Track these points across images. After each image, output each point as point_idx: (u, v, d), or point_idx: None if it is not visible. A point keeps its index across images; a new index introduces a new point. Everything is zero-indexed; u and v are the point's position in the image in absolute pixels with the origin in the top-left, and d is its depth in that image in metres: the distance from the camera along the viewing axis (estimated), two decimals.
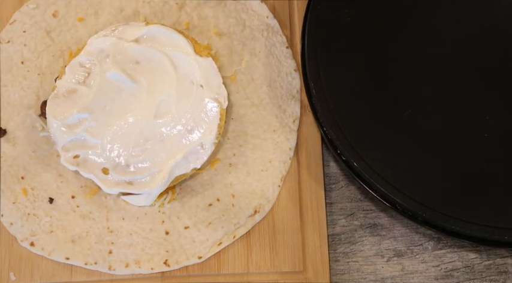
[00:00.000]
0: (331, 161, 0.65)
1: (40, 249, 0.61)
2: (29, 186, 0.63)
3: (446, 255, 0.62)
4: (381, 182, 0.58)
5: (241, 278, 0.61)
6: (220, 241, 0.61)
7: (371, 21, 0.63)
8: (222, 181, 0.63)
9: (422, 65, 0.62)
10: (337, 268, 0.62)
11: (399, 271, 0.62)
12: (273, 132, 0.64)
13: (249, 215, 0.62)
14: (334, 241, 0.63)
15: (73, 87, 0.61)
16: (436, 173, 0.59)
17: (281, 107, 0.65)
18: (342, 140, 0.59)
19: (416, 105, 0.61)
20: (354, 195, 0.64)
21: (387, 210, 0.64)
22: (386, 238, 0.63)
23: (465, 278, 0.62)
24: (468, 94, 0.61)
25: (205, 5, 0.67)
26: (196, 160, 0.60)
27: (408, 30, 0.63)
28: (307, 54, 0.62)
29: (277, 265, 0.61)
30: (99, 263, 0.61)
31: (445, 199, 0.58)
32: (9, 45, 0.66)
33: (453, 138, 0.60)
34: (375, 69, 0.62)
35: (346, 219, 0.64)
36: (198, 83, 0.61)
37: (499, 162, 0.60)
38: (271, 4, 0.68)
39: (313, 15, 0.63)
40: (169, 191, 0.62)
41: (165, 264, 0.61)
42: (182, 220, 0.62)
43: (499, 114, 0.61)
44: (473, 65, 0.62)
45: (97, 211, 0.62)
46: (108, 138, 0.60)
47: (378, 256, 0.63)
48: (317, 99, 0.61)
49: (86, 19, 0.67)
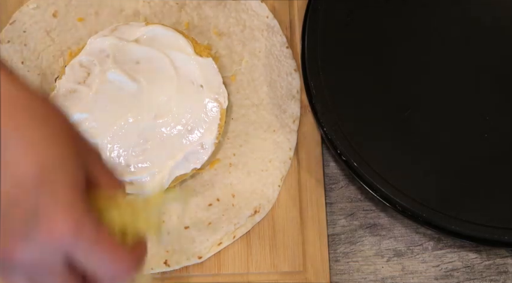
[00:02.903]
0: (331, 161, 0.65)
1: None
2: None
3: (446, 255, 0.62)
4: (380, 182, 0.58)
5: (241, 278, 0.61)
6: (220, 241, 0.61)
7: (371, 21, 0.63)
8: (222, 181, 0.63)
9: (423, 65, 0.62)
10: (337, 268, 0.62)
11: (399, 271, 0.62)
12: (273, 132, 0.64)
13: (249, 215, 0.62)
14: (334, 241, 0.63)
15: (73, 87, 0.61)
16: (436, 173, 0.59)
17: (281, 107, 0.65)
18: (342, 140, 0.59)
19: (416, 105, 0.61)
20: (354, 195, 0.64)
21: (387, 210, 0.64)
22: (387, 238, 0.63)
23: (465, 278, 0.62)
24: (468, 94, 0.61)
25: (206, 5, 0.67)
26: (197, 161, 0.60)
27: (408, 31, 0.63)
28: (307, 54, 0.62)
29: (277, 265, 0.61)
30: None
31: (445, 199, 0.58)
32: (9, 45, 0.66)
33: (453, 138, 0.60)
34: (375, 69, 0.62)
35: (346, 219, 0.64)
36: (198, 83, 0.61)
37: (499, 162, 0.60)
38: (271, 4, 0.68)
39: (313, 15, 0.63)
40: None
41: (165, 264, 0.61)
42: (182, 220, 0.62)
43: (499, 114, 0.61)
44: (474, 65, 0.62)
45: None
46: (108, 138, 0.60)
47: (378, 256, 0.63)
48: (317, 99, 0.61)
49: (86, 19, 0.67)
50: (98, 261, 0.39)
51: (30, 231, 0.37)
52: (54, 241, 0.37)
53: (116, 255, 0.39)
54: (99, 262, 0.39)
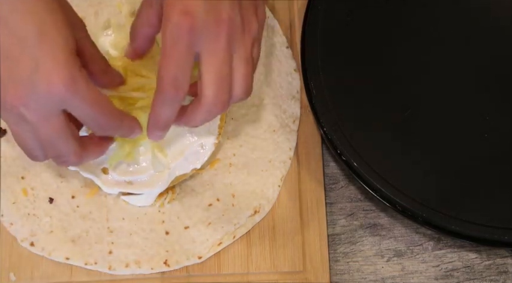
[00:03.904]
0: (331, 161, 0.65)
1: (40, 249, 0.61)
2: (29, 186, 0.63)
3: (446, 255, 0.63)
4: (380, 182, 0.58)
5: (241, 278, 0.61)
6: (220, 241, 0.61)
7: (371, 21, 0.63)
8: (222, 181, 0.63)
9: (423, 65, 0.62)
10: (337, 268, 0.62)
11: (399, 271, 0.62)
12: (273, 132, 0.64)
13: (249, 215, 0.62)
14: (334, 241, 0.63)
15: None
16: (436, 173, 0.59)
17: (281, 107, 0.65)
18: (342, 140, 0.59)
19: (416, 105, 0.61)
20: (354, 195, 0.64)
21: (387, 210, 0.64)
22: (387, 238, 0.63)
23: (465, 278, 0.62)
24: (468, 94, 0.61)
25: None
26: (197, 161, 0.60)
27: (408, 30, 0.63)
28: (307, 54, 0.62)
29: (277, 265, 0.61)
30: (99, 263, 0.61)
31: (445, 199, 0.58)
32: None
33: (453, 138, 0.60)
34: (375, 69, 0.62)
35: (346, 219, 0.64)
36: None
37: (499, 162, 0.60)
38: (271, 4, 0.68)
39: (313, 15, 0.63)
40: (169, 191, 0.62)
41: (165, 264, 0.61)
42: (182, 220, 0.62)
43: (499, 114, 0.61)
44: (474, 65, 0.62)
45: (97, 211, 0.62)
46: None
47: (378, 256, 0.63)
48: (317, 99, 0.61)
49: (86, 19, 0.67)
50: (87, 111, 0.47)
51: (33, 83, 0.44)
52: (53, 91, 0.44)
53: (102, 108, 0.48)
54: (88, 112, 0.47)
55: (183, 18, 0.46)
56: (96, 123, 0.49)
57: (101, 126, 0.49)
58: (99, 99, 0.47)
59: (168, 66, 0.47)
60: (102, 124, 0.49)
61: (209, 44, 0.48)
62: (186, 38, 0.47)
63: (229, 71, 0.49)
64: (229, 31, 0.48)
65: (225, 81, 0.49)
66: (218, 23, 0.48)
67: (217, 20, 0.47)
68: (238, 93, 0.51)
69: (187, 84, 0.48)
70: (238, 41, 0.49)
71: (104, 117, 0.48)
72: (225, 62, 0.49)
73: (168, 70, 0.47)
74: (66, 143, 0.48)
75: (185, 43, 0.47)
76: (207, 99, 0.49)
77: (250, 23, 0.50)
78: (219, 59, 0.48)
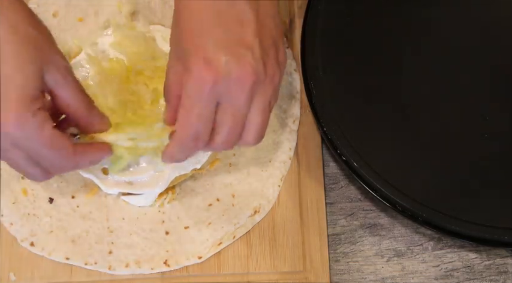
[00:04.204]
0: (331, 161, 0.65)
1: (40, 249, 0.61)
2: (29, 186, 0.63)
3: (446, 255, 0.62)
4: (380, 182, 0.58)
5: (241, 278, 0.61)
6: (220, 241, 0.61)
7: (371, 21, 0.63)
8: (222, 182, 0.63)
9: (423, 65, 0.62)
10: (337, 268, 0.62)
11: (399, 271, 0.62)
12: (273, 132, 0.64)
13: (249, 215, 0.62)
14: (334, 241, 0.63)
15: None
16: (436, 173, 0.59)
17: (281, 107, 0.65)
18: (342, 140, 0.59)
19: (416, 105, 0.61)
20: (354, 195, 0.64)
21: (387, 210, 0.64)
22: (387, 238, 0.63)
23: (465, 278, 0.62)
24: (468, 94, 0.61)
25: None
26: (197, 161, 0.60)
27: (408, 30, 0.63)
28: (307, 54, 0.62)
29: (277, 265, 0.61)
30: (99, 263, 0.61)
31: (445, 199, 0.58)
32: None
33: (453, 138, 0.60)
34: (375, 69, 0.62)
35: (346, 219, 0.64)
36: None
37: (499, 162, 0.60)
38: None
39: (313, 15, 0.63)
40: (169, 191, 0.62)
41: (165, 264, 0.61)
42: (182, 220, 0.62)
43: (499, 114, 0.61)
44: (474, 65, 0.62)
45: (97, 211, 0.62)
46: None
47: (378, 256, 0.63)
48: (317, 99, 0.61)
49: (86, 19, 0.67)
50: (39, 153, 0.47)
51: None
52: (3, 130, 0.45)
53: (56, 152, 0.47)
54: (40, 154, 0.47)
55: (205, 72, 0.45)
56: (49, 163, 0.49)
57: (54, 168, 0.49)
58: (55, 142, 0.47)
59: (189, 120, 0.47)
60: (56, 166, 0.49)
61: (231, 97, 0.47)
62: (208, 93, 0.46)
63: (245, 118, 0.48)
64: (252, 85, 0.47)
65: (238, 128, 0.49)
66: (242, 76, 0.46)
67: (241, 73, 0.46)
68: (248, 140, 0.50)
69: (208, 135, 0.48)
70: (259, 91, 0.48)
71: (58, 160, 0.48)
72: (242, 112, 0.48)
73: (189, 124, 0.47)
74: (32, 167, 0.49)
75: (207, 98, 0.46)
76: (215, 145, 0.49)
77: (274, 73, 0.49)
78: (237, 110, 0.48)
